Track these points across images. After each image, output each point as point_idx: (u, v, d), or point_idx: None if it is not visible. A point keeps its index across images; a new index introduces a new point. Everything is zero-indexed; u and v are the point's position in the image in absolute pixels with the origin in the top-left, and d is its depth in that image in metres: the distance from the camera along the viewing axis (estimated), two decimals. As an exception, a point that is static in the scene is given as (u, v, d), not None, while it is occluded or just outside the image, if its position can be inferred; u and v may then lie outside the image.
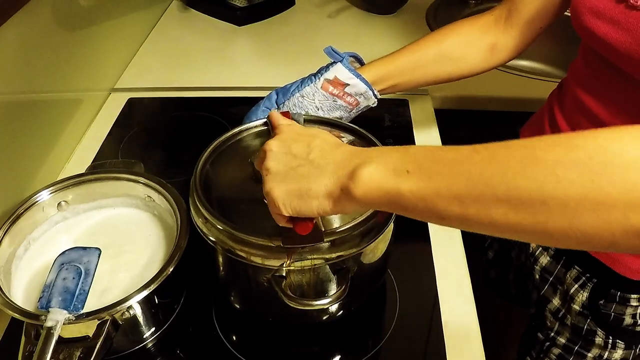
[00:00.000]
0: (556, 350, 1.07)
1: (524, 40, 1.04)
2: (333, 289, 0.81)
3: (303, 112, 1.06)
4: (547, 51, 1.79)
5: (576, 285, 0.98)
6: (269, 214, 0.76)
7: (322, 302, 0.76)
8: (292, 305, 0.75)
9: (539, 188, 0.48)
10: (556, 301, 1.03)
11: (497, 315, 1.38)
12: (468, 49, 1.06)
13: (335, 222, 0.79)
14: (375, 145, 0.90)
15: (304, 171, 0.65)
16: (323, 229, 0.75)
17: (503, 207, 0.51)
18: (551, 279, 1.03)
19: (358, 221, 0.78)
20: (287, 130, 0.72)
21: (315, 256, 0.77)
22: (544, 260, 1.04)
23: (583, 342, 1.02)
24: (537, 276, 1.06)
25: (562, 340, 1.05)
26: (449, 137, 1.31)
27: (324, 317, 0.89)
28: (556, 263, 1.02)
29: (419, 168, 0.56)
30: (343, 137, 0.93)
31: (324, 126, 0.95)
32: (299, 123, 0.90)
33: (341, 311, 0.89)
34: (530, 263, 1.07)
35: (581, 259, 0.96)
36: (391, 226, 0.84)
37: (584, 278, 0.97)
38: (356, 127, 0.94)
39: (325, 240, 0.75)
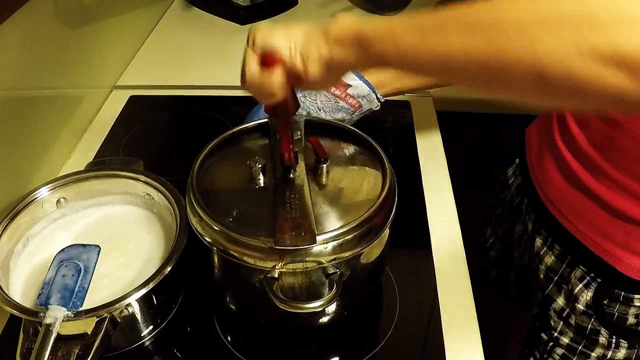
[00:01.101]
0: (560, 350, 1.07)
1: None
2: (325, 292, 0.80)
3: (304, 113, 1.06)
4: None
5: (580, 285, 0.98)
6: (265, 216, 0.76)
7: (313, 306, 0.75)
8: (282, 307, 0.74)
9: (498, 9, 0.51)
10: (561, 301, 1.03)
11: (497, 315, 1.39)
12: None
13: (330, 225, 0.79)
14: (375, 150, 0.89)
15: (288, 25, 0.71)
16: (316, 232, 0.75)
17: (462, 33, 0.53)
18: (556, 278, 1.03)
19: (352, 225, 0.77)
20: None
21: (307, 259, 0.76)
22: (549, 259, 1.03)
23: (587, 341, 1.02)
24: (542, 276, 1.06)
25: (565, 340, 1.05)
26: (450, 139, 1.31)
27: (318, 320, 0.89)
28: (561, 262, 1.01)
29: (391, 19, 0.61)
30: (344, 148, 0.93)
31: (324, 130, 0.95)
32: (299, 124, 0.90)
33: (334, 314, 0.89)
34: (535, 263, 1.07)
35: (586, 258, 0.96)
36: (387, 231, 0.83)
37: (588, 278, 0.97)
38: (357, 130, 0.93)
39: (318, 243, 0.75)
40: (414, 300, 0.96)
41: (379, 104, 1.09)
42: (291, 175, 0.83)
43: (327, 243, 0.75)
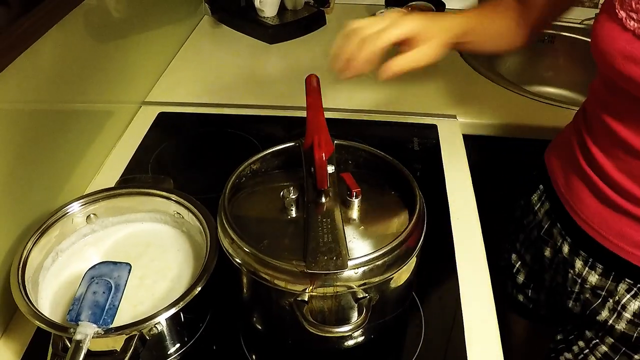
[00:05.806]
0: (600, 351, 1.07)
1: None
2: (354, 316, 0.81)
3: None
4: (576, 79, 1.78)
5: (628, 296, 0.99)
6: (295, 238, 0.77)
7: (342, 330, 0.75)
8: (312, 331, 0.75)
9: None
10: (605, 313, 1.04)
11: (521, 339, 1.39)
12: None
13: (360, 250, 0.79)
14: (405, 175, 0.90)
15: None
16: (348, 257, 0.75)
17: None
18: (603, 293, 1.03)
19: (382, 252, 0.77)
20: None
21: (338, 283, 0.76)
22: (593, 278, 1.03)
23: (630, 349, 1.02)
24: (587, 295, 1.06)
25: (604, 348, 1.05)
26: (476, 162, 1.31)
27: (345, 343, 0.89)
28: (606, 279, 1.02)
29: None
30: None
31: (355, 154, 0.96)
32: (331, 158, 0.89)
33: (362, 337, 0.89)
34: (574, 283, 1.08)
35: (631, 272, 0.97)
36: (414, 258, 0.83)
37: (635, 289, 0.98)
38: (387, 155, 0.94)
39: (348, 267, 0.75)
40: (439, 325, 0.96)
41: None
42: (323, 200, 0.83)
43: (357, 268, 0.76)
